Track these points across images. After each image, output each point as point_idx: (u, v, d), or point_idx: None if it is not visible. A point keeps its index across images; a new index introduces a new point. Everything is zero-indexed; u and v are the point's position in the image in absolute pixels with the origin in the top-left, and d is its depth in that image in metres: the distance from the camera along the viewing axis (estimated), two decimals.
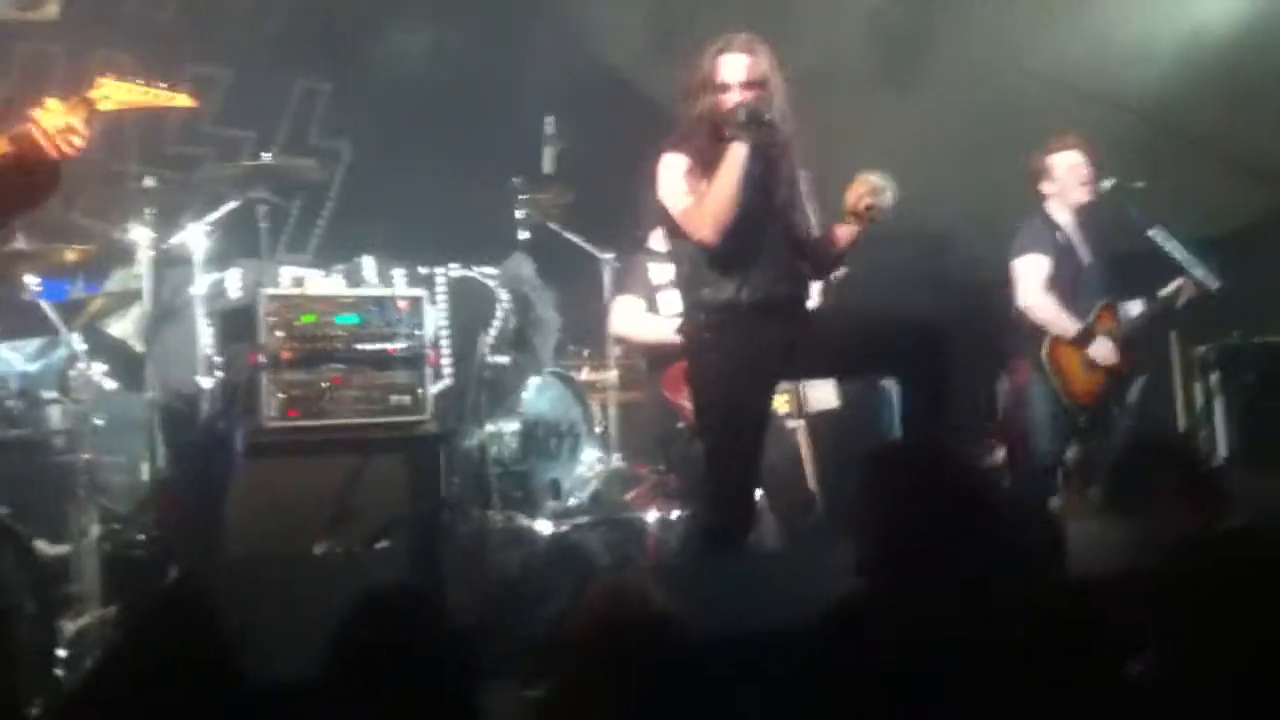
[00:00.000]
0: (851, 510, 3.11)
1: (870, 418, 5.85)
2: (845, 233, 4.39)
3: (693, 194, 4.21)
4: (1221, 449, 6.71)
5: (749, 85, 4.23)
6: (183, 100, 3.68)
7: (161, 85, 3.63)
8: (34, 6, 6.82)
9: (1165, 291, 6.07)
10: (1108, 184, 6.05)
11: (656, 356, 5.80)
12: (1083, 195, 6.04)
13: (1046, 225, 6.07)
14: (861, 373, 5.40)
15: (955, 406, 4.42)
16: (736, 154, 4.12)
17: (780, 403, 5.70)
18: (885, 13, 7.41)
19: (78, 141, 3.45)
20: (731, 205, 4.12)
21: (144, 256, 5.57)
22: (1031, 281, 5.98)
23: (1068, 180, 6.04)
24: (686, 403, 5.01)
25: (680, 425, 5.62)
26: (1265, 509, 3.37)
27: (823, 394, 5.93)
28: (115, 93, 3.54)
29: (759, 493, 4.68)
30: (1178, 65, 6.89)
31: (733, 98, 4.21)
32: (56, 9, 6.89)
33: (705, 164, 4.21)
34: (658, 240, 5.49)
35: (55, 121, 3.41)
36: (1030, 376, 6.02)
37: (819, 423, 5.94)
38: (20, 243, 5.18)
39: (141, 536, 5.16)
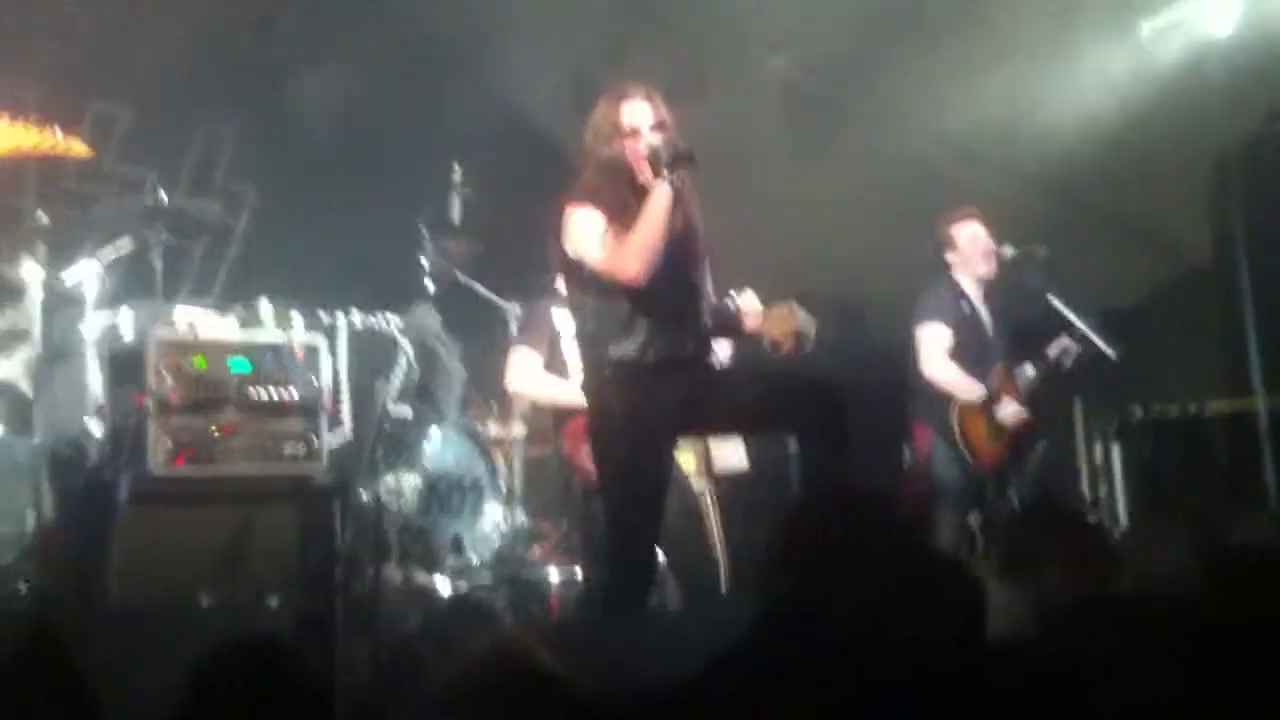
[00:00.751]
0: (759, 567, 3.07)
1: (779, 480, 5.83)
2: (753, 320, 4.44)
3: (608, 243, 4.16)
4: (1120, 516, 6.79)
5: (656, 128, 4.23)
6: (78, 149, 3.51)
7: (56, 130, 3.45)
8: None
9: (1051, 349, 6.15)
10: (1010, 251, 6.14)
11: (559, 410, 5.72)
12: (984, 266, 6.13)
13: (950, 293, 6.14)
14: (763, 430, 5.37)
15: (859, 467, 4.40)
16: (662, 193, 4.10)
17: (686, 462, 5.65)
18: (797, 83, 7.49)
19: None
20: (658, 244, 4.08)
21: (34, 295, 5.38)
22: (934, 349, 6.03)
23: (970, 251, 6.13)
24: (585, 459, 4.94)
25: (579, 481, 5.54)
26: (1158, 575, 3.39)
27: (730, 455, 5.89)
28: (8, 136, 3.36)
29: (660, 553, 4.61)
30: (1078, 139, 7.05)
31: (642, 142, 4.20)
32: None
33: (615, 211, 4.17)
34: (561, 290, 5.43)
35: None
36: (933, 442, 6.05)
37: (727, 484, 5.89)
38: None
39: (22, 586, 4.94)
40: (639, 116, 4.24)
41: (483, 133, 7.08)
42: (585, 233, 4.20)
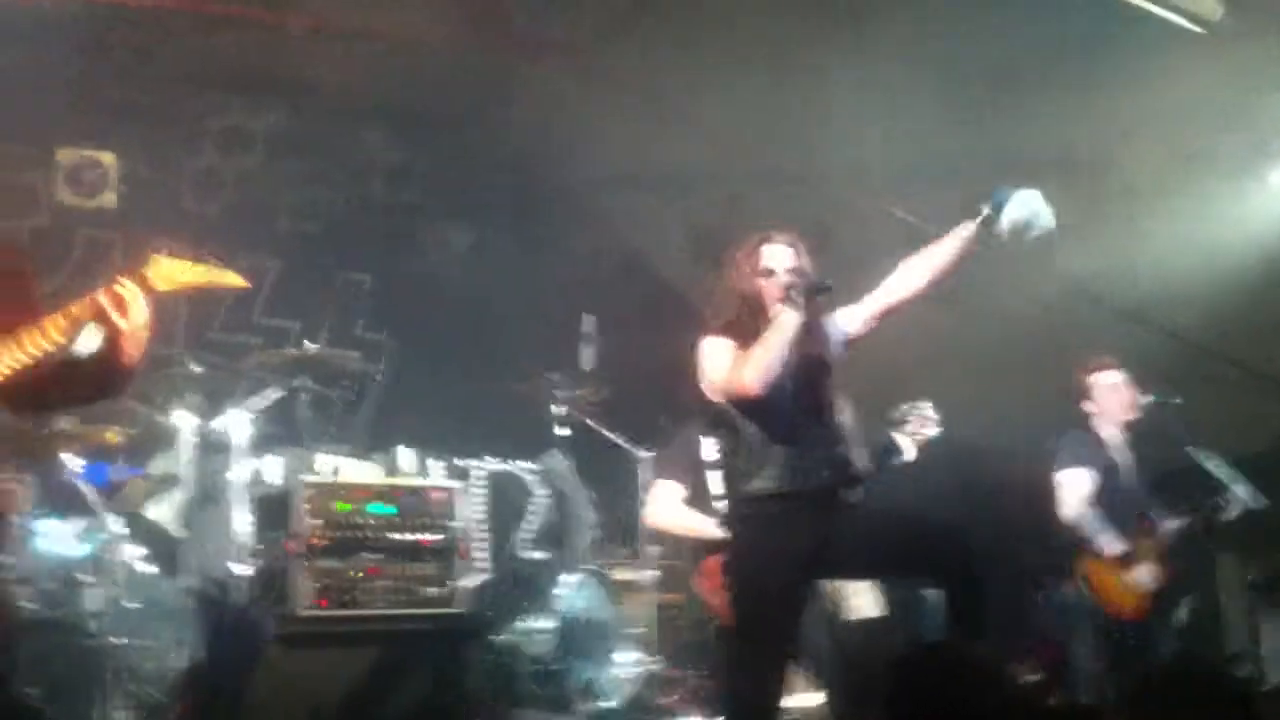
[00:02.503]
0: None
1: (914, 626, 5.75)
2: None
3: (718, 358, 4.23)
4: (1266, 675, 6.55)
5: (793, 271, 4.34)
6: (233, 279, 3.69)
7: (213, 261, 3.64)
8: (93, 195, 7.02)
9: (1206, 507, 6.02)
10: (1147, 399, 6.08)
11: (696, 548, 5.73)
12: (1124, 414, 6.07)
13: (1090, 441, 6.07)
14: (900, 575, 5.32)
15: (993, 615, 4.35)
16: (787, 316, 4.18)
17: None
18: (920, 230, 7.57)
19: (141, 320, 3.44)
20: (778, 361, 4.14)
21: (186, 441, 5.60)
22: (1074, 495, 5.95)
23: (1109, 400, 6.08)
24: (716, 598, 4.94)
25: (714, 622, 5.52)
26: None
27: (864, 601, 5.83)
28: (171, 271, 3.55)
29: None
30: (1211, 285, 6.98)
31: (779, 282, 4.31)
32: (114, 197, 7.10)
33: (747, 344, 4.25)
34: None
35: (127, 294, 3.39)
36: (1071, 591, 5.94)
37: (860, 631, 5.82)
38: (63, 423, 5.23)
39: None
40: (779, 259, 4.35)
41: (613, 282, 7.25)
42: (715, 360, 4.27)
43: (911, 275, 4.42)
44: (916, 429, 5.36)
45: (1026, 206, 4.41)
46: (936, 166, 7.17)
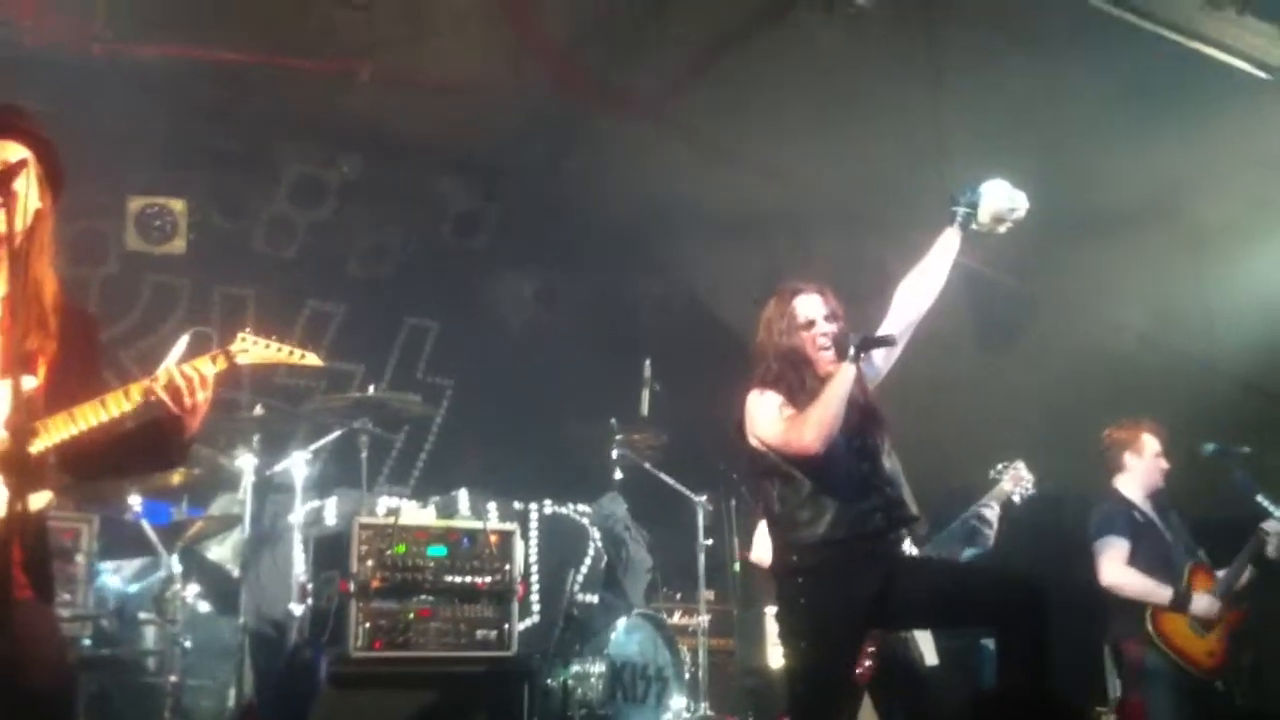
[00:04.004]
0: None
1: (970, 676, 5.67)
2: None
3: (773, 415, 4.23)
4: None
5: (831, 318, 4.35)
6: (312, 360, 3.77)
7: (294, 346, 3.72)
8: (163, 241, 7.18)
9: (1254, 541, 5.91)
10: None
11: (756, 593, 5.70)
12: (1155, 476, 6.02)
13: (1121, 507, 6.01)
14: (958, 625, 5.25)
15: (1062, 670, 4.28)
16: (848, 371, 4.19)
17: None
18: (980, 275, 7.53)
19: (202, 398, 3.50)
20: (837, 419, 4.15)
21: (247, 482, 5.68)
22: (1112, 562, 5.88)
23: (1149, 462, 6.03)
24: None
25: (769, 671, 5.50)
26: None
27: (922, 648, 5.77)
28: (253, 350, 3.63)
29: None
30: (1269, 329, 6.87)
31: (820, 330, 4.32)
32: (184, 244, 7.25)
33: (794, 395, 4.25)
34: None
35: (203, 370, 3.46)
36: (1144, 652, 5.83)
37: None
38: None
39: None
40: (813, 309, 4.38)
41: (670, 328, 7.28)
42: (766, 416, 4.28)
43: (913, 296, 4.41)
44: (1011, 488, 5.34)
45: (1000, 194, 4.41)
46: None
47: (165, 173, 7.24)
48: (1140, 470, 6.03)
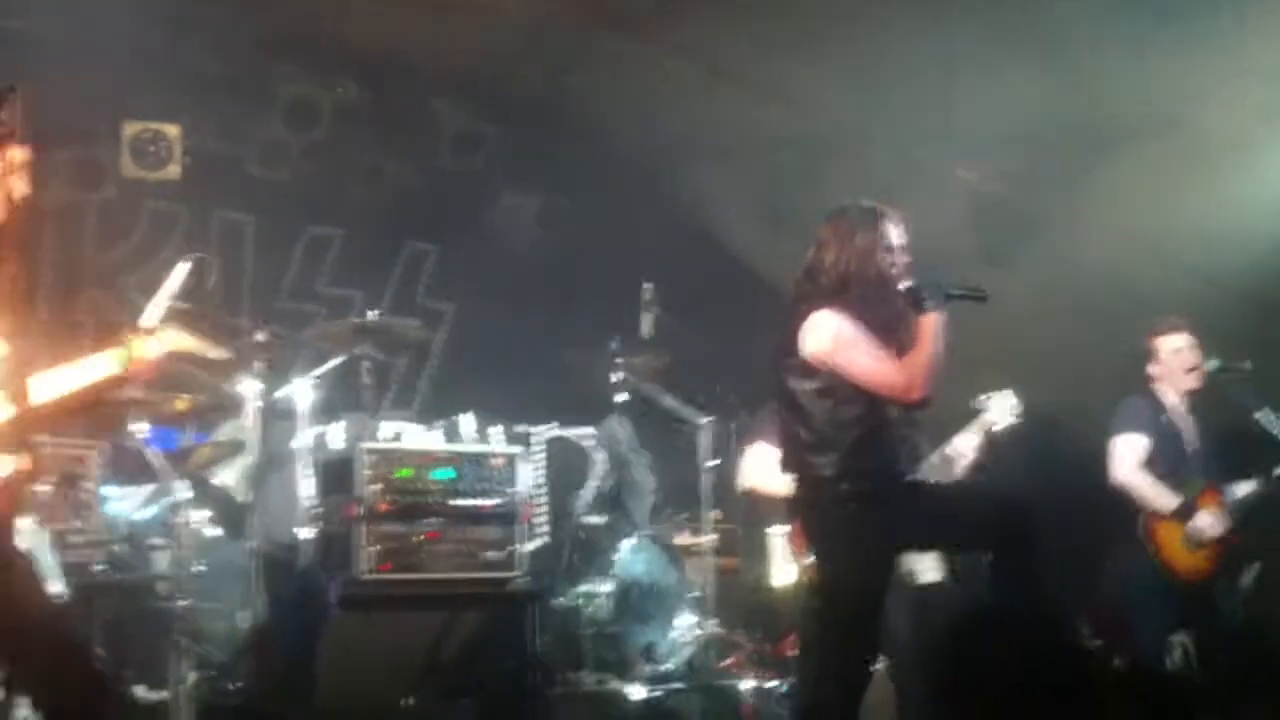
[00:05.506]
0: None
1: (976, 591, 5.71)
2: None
3: (877, 354, 4.21)
4: None
5: (907, 248, 4.34)
6: (219, 354, 4.00)
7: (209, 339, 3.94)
8: (159, 167, 7.13)
9: (1273, 473, 5.92)
10: (1213, 364, 5.98)
11: (766, 513, 5.72)
12: (1189, 381, 5.97)
13: (1151, 406, 5.98)
14: (961, 549, 5.30)
15: (1058, 585, 4.33)
16: (941, 321, 4.19)
17: None
18: (987, 192, 7.49)
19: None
20: (939, 365, 4.18)
21: (252, 408, 5.68)
22: (1128, 459, 5.87)
23: (1174, 364, 5.97)
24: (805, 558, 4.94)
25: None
26: None
27: (925, 566, 5.82)
28: (170, 340, 3.81)
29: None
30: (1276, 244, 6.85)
31: (900, 259, 4.30)
32: (179, 169, 7.20)
33: (874, 323, 4.23)
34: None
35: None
36: (1130, 556, 5.88)
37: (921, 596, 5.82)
38: (134, 390, 5.33)
39: (236, 684, 5.17)
40: (898, 234, 4.35)
41: (672, 251, 7.25)
42: (861, 348, 4.22)
43: None
44: (995, 419, 5.35)
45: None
46: (1009, 129, 7.10)
47: (158, 97, 7.17)
48: (1164, 373, 6.01)
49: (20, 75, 3.73)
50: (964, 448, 5.27)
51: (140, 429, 5.27)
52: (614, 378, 6.15)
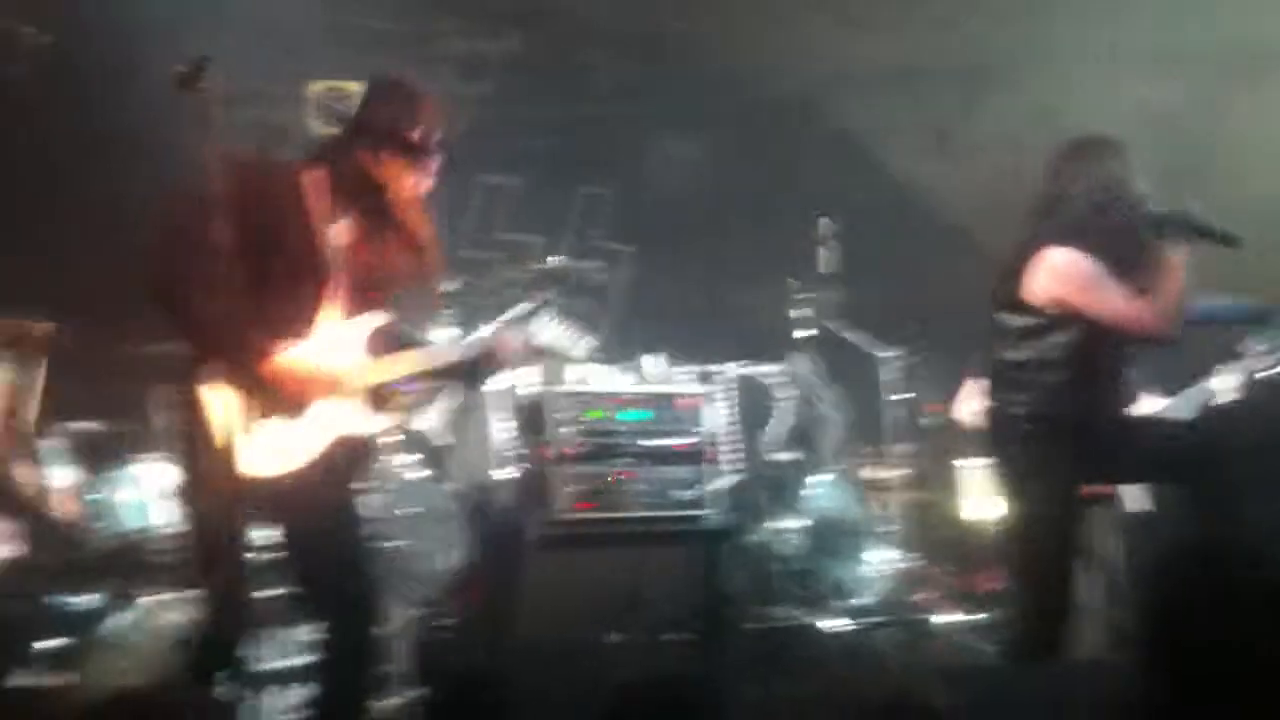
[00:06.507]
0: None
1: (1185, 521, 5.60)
2: None
3: (1125, 293, 4.12)
4: None
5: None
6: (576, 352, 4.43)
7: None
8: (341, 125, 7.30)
9: None
10: None
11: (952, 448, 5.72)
12: None
13: None
14: (1163, 482, 5.20)
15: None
16: (1182, 259, 4.11)
17: None
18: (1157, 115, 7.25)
19: None
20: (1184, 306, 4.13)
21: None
22: None
23: None
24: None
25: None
26: None
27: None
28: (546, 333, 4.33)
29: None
30: None
31: (1134, 196, 4.20)
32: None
33: (1113, 259, 4.15)
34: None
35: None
36: None
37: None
38: None
39: (445, 623, 5.36)
40: (1129, 171, 4.24)
41: (844, 185, 7.20)
42: (1110, 289, 4.11)
43: None
44: (1254, 365, 5.17)
45: None
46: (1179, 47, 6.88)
47: (335, 56, 7.35)
48: None
49: (202, 43, 3.92)
50: (1221, 388, 5.10)
51: None
52: (796, 314, 6.17)
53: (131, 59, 6.05)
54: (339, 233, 3.73)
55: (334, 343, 3.71)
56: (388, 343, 3.85)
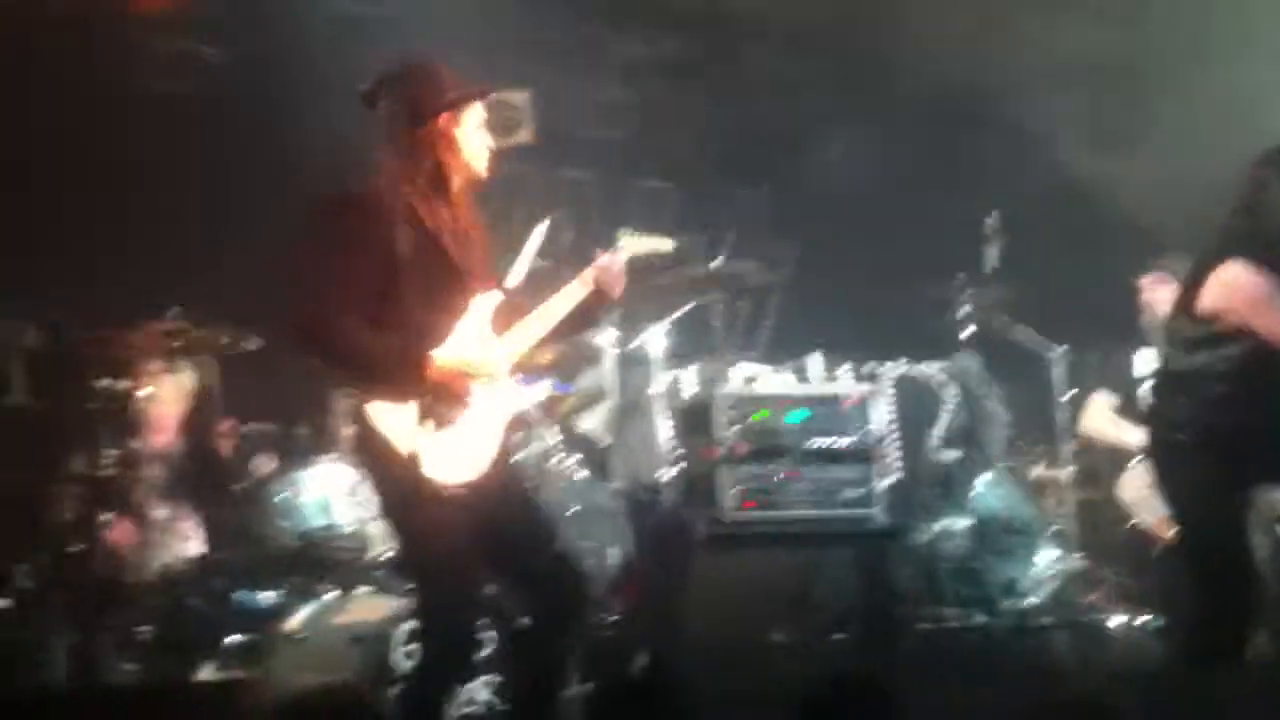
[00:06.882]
0: None
1: None
2: None
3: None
4: None
5: None
6: (668, 245, 4.52)
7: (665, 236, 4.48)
8: (510, 133, 7.48)
9: None
10: None
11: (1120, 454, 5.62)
12: None
13: None
14: None
15: None
16: None
17: None
18: None
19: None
20: None
21: (609, 357, 5.95)
22: None
23: None
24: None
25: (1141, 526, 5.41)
26: None
27: None
28: (634, 243, 4.34)
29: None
30: None
31: None
32: (528, 134, 7.54)
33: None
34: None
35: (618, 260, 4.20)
36: None
37: None
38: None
39: (610, 619, 5.44)
40: None
41: (1013, 181, 7.08)
42: (1260, 297, 3.86)
43: None
44: None
45: None
46: None
47: (503, 68, 7.51)
48: None
49: (375, 57, 4.07)
50: None
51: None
52: (961, 312, 6.11)
53: (309, 78, 6.30)
54: (442, 223, 3.78)
55: (470, 332, 3.77)
56: (508, 316, 3.90)
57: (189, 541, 5.46)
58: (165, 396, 5.51)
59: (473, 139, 3.89)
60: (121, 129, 6.41)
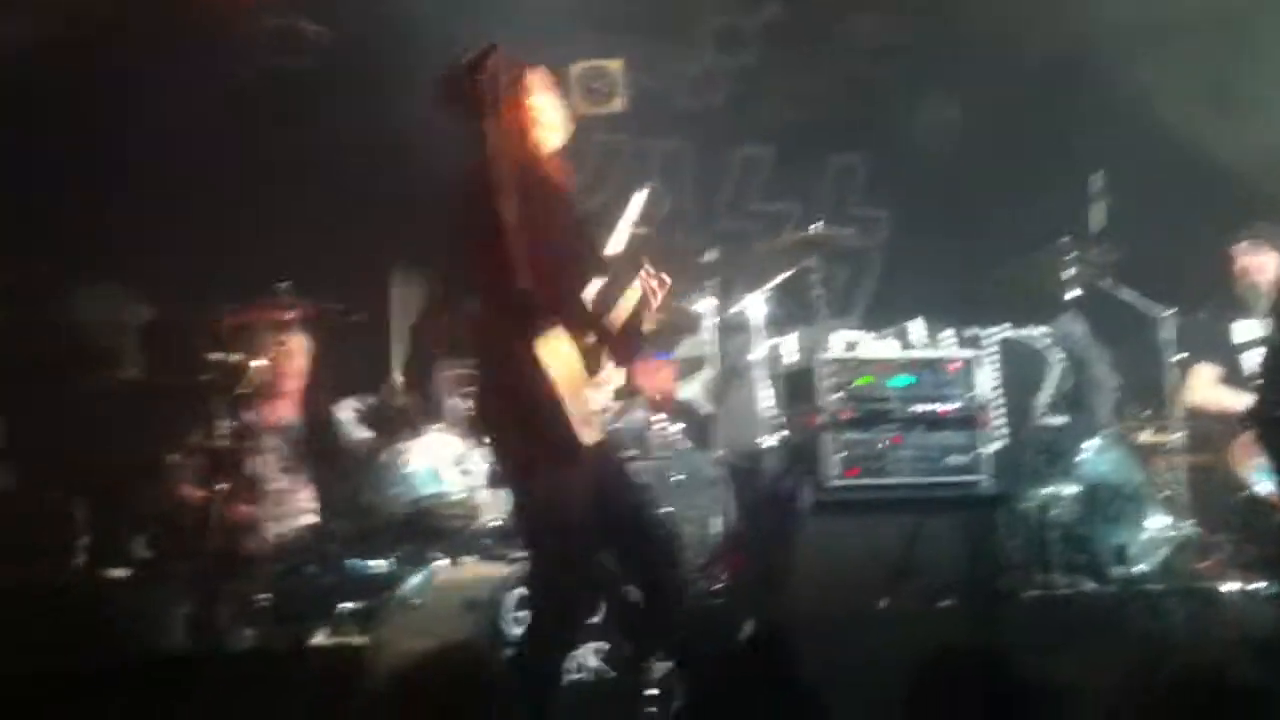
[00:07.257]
0: None
1: None
2: None
3: None
4: None
5: None
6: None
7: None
8: (603, 101, 7.48)
9: None
10: None
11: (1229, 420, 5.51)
12: None
13: None
14: None
15: None
16: None
17: None
18: None
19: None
20: None
21: (709, 325, 5.95)
22: None
23: None
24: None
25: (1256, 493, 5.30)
26: None
27: None
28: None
29: None
30: None
31: None
32: (621, 102, 7.54)
33: None
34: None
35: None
36: None
37: None
38: None
39: (714, 587, 5.46)
40: None
41: (1117, 141, 6.95)
42: None
43: None
44: None
45: None
46: None
47: (595, 38, 7.51)
48: None
49: (468, 28, 4.10)
50: None
51: None
52: (1066, 274, 6.01)
53: (405, 52, 6.34)
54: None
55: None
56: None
57: (304, 511, 5.57)
58: (278, 369, 5.61)
59: (544, 107, 4.01)
60: (232, 108, 6.53)
